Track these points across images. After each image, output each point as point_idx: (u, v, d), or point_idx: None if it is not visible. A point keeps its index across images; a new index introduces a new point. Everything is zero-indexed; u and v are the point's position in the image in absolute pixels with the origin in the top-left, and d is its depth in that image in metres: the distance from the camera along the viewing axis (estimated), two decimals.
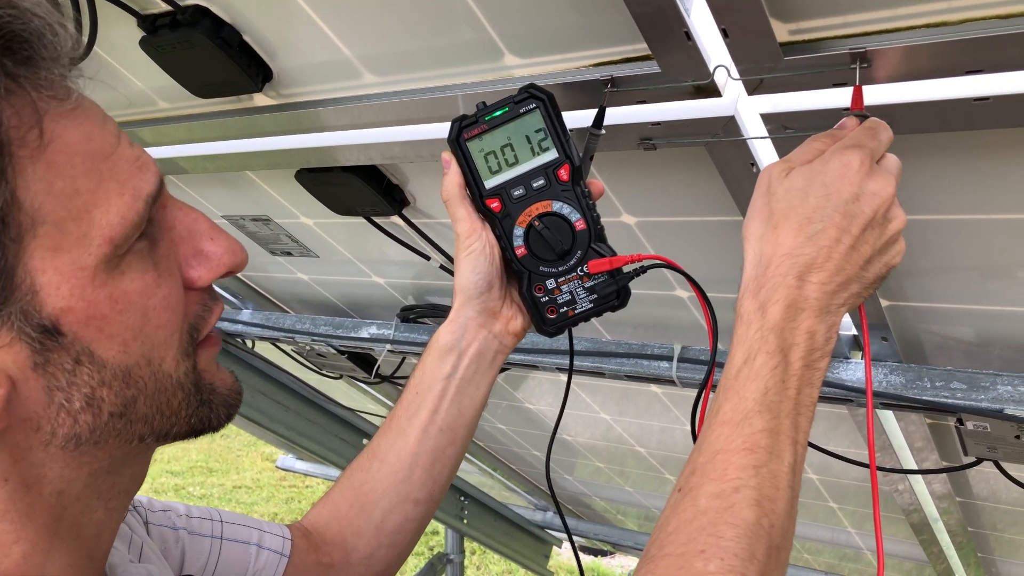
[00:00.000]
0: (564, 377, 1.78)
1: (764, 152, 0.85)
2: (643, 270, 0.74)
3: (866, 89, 0.72)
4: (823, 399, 1.16)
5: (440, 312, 1.58)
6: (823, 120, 0.77)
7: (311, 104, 1.08)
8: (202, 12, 0.96)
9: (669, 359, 1.27)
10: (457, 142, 0.73)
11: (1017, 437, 1.06)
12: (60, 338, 0.43)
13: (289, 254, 1.63)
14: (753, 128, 0.82)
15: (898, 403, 1.10)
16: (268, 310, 1.91)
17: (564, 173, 0.72)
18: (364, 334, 1.66)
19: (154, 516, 0.72)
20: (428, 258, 1.40)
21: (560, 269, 0.73)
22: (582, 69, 0.86)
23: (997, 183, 0.83)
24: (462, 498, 2.79)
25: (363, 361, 1.83)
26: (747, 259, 0.62)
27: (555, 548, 3.31)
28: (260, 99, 1.11)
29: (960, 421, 1.08)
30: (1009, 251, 0.92)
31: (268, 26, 0.98)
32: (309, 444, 2.20)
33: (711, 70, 0.76)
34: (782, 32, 0.72)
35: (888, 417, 1.33)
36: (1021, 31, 0.62)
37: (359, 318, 1.79)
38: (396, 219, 1.32)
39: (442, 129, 1.01)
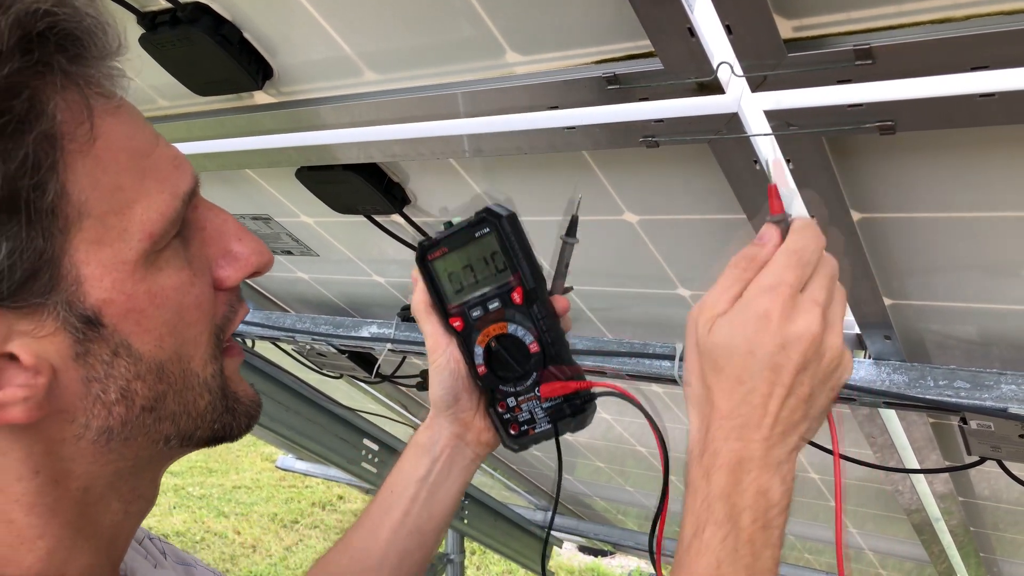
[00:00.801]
0: None
1: (767, 149, 0.85)
2: (593, 396, 0.75)
3: (871, 86, 0.72)
4: None
5: None
6: (827, 117, 0.77)
7: (311, 102, 1.07)
8: (202, 9, 0.95)
9: (671, 358, 1.27)
10: (423, 262, 0.76)
11: (1021, 436, 1.05)
12: (101, 329, 0.44)
13: (289, 253, 1.62)
14: (756, 125, 0.82)
15: (901, 402, 1.10)
16: (268, 309, 1.91)
17: (517, 296, 0.73)
18: (364, 333, 1.66)
19: (169, 547, 0.72)
20: None
21: (518, 389, 0.75)
22: (584, 66, 0.86)
23: (1001, 180, 0.83)
24: (462, 498, 2.78)
25: (363, 360, 1.83)
26: (691, 421, 0.61)
27: (556, 548, 3.30)
28: (260, 97, 1.10)
29: (963, 420, 1.07)
30: (1013, 249, 0.91)
31: (268, 23, 0.98)
32: (309, 444, 2.19)
33: (714, 67, 0.75)
34: (786, 29, 0.72)
35: (891, 417, 1.33)
36: None
37: (359, 317, 1.78)
38: (397, 218, 1.32)
39: (444, 127, 1.01)
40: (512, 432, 0.77)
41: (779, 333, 0.57)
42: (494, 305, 0.74)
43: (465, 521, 2.78)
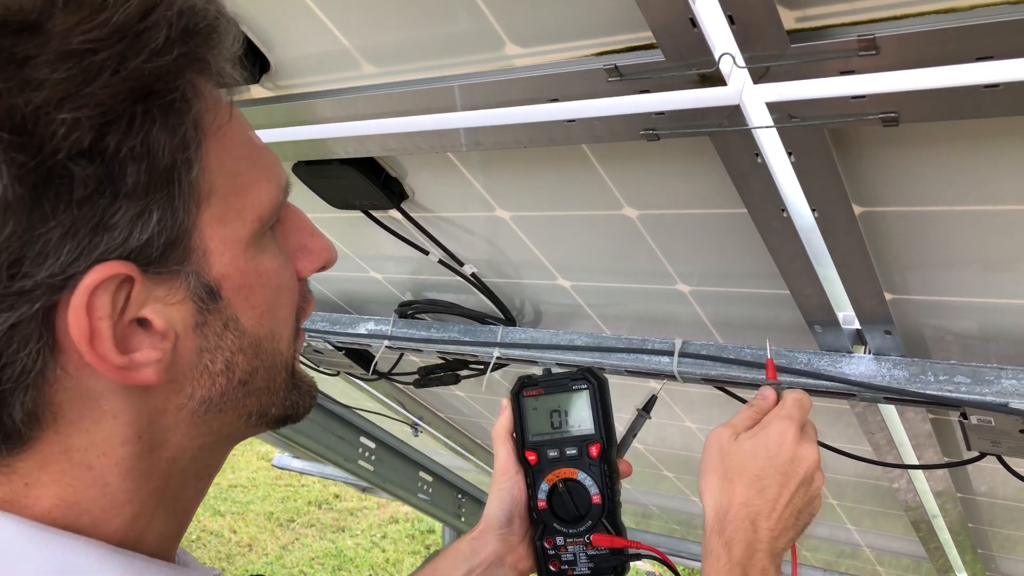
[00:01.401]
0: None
1: (769, 142, 0.84)
2: (638, 557, 0.83)
3: (875, 77, 0.71)
4: (826, 393, 1.15)
5: (439, 308, 1.57)
6: (829, 109, 0.76)
7: (308, 95, 1.06)
8: None
9: (670, 354, 1.26)
10: (517, 396, 0.87)
11: (1021, 431, 1.05)
12: (218, 302, 0.48)
13: None
14: (758, 118, 0.81)
15: (901, 397, 1.10)
16: None
17: (595, 450, 0.83)
18: (362, 330, 1.65)
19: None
20: (427, 253, 1.39)
21: (570, 531, 0.82)
22: (585, 58, 0.85)
23: (1004, 174, 0.82)
24: (459, 496, 2.78)
25: (360, 358, 1.82)
26: (707, 506, 0.75)
27: None
28: (257, 91, 1.09)
29: (964, 415, 1.07)
30: (1014, 243, 0.91)
31: (266, 16, 0.97)
32: (306, 442, 2.18)
33: (716, 58, 0.75)
34: (788, 19, 0.71)
35: (890, 412, 1.33)
36: None
37: (356, 314, 1.77)
38: (394, 213, 1.31)
39: (442, 120, 1.00)
40: (552, 568, 0.83)
41: (792, 450, 0.76)
42: (571, 452, 0.83)
43: (462, 519, 2.77)
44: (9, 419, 0.43)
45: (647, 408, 0.92)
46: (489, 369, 1.51)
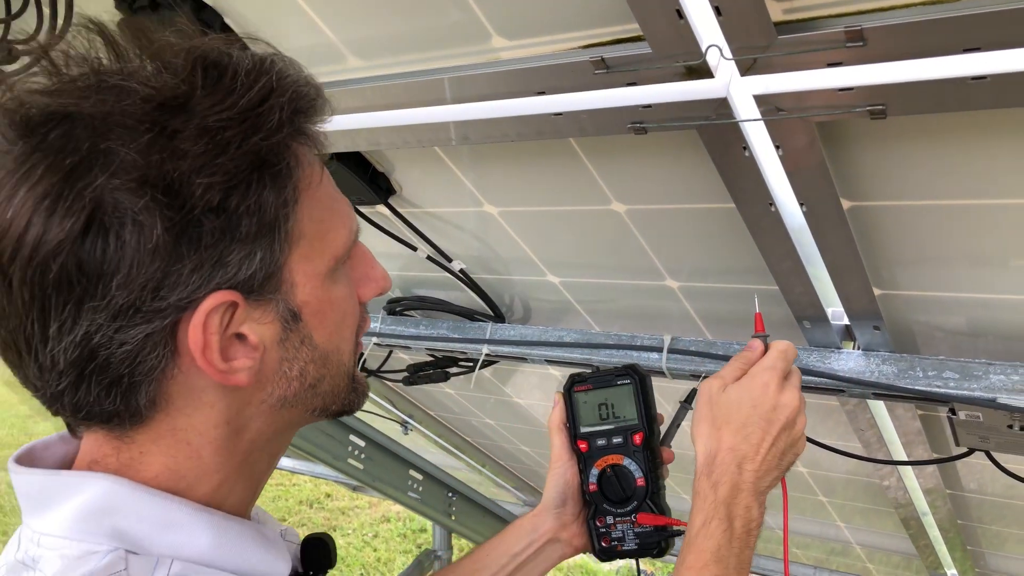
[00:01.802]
0: (552, 370, 1.76)
1: (757, 136, 0.84)
2: (680, 533, 0.88)
3: (862, 68, 0.71)
4: (815, 389, 1.15)
5: (428, 304, 1.56)
6: (817, 101, 0.76)
7: None
8: None
9: (659, 350, 1.26)
10: (568, 392, 0.97)
11: (1010, 427, 1.05)
12: (299, 323, 0.59)
13: None
14: (745, 111, 0.80)
15: (890, 393, 1.09)
16: None
17: (638, 438, 0.92)
18: None
19: None
20: (415, 249, 1.38)
21: (618, 511, 0.92)
22: (571, 51, 0.84)
23: (990, 167, 0.82)
24: (450, 494, 2.77)
25: None
26: (698, 451, 0.83)
27: None
28: None
29: (952, 411, 1.07)
30: (1002, 238, 0.91)
31: (250, 9, 0.96)
32: (295, 440, 2.17)
33: (703, 50, 0.74)
34: (776, 11, 0.70)
35: (879, 409, 1.32)
36: (1021, 7, 0.61)
37: None
38: (382, 209, 1.30)
39: (429, 113, 0.99)
40: (603, 544, 0.92)
41: (774, 398, 0.82)
42: (616, 440, 0.93)
43: (453, 517, 2.76)
44: (135, 403, 0.55)
45: (688, 400, 0.99)
46: (478, 366, 1.50)
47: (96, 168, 0.49)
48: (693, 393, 0.98)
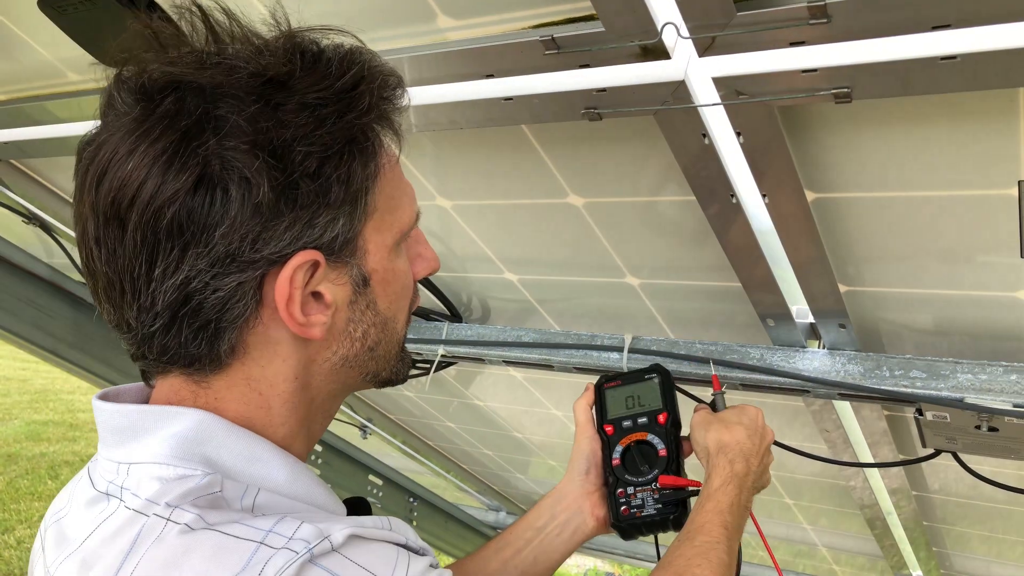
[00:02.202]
0: (514, 372, 1.71)
1: (716, 122, 0.79)
2: (697, 494, 0.94)
3: (826, 48, 0.66)
4: (779, 390, 1.11)
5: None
6: (779, 84, 0.71)
7: None
8: None
9: (619, 350, 1.21)
10: (599, 387, 1.06)
11: (977, 427, 1.02)
12: (367, 288, 0.64)
13: None
14: (705, 95, 0.76)
15: (856, 393, 1.06)
16: None
17: (662, 418, 1.01)
18: None
19: None
20: None
21: (639, 480, 0.97)
22: (521, 31, 0.79)
23: (959, 156, 0.78)
24: (411, 499, 2.70)
25: None
26: (710, 441, 0.94)
27: None
28: None
29: (919, 411, 1.04)
30: (970, 232, 0.87)
31: None
32: None
33: (659, 28, 0.69)
34: None
35: (845, 410, 1.29)
36: None
37: None
38: None
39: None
40: (623, 513, 0.96)
41: (762, 423, 0.96)
42: (642, 421, 1.01)
43: (415, 523, 2.70)
44: (217, 349, 0.60)
45: (718, 387, 1.07)
46: (433, 368, 1.45)
47: (208, 131, 0.55)
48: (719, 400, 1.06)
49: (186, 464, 0.58)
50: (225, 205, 0.55)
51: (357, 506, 0.74)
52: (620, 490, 0.97)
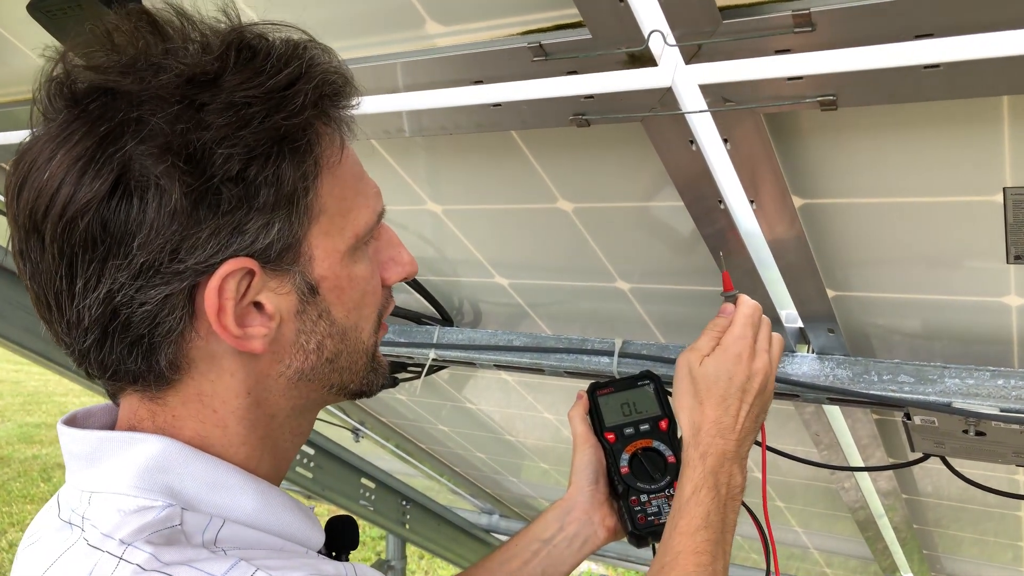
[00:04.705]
0: (505, 375, 1.71)
1: (704, 128, 0.80)
2: None
3: (811, 56, 0.67)
4: None
5: (398, 312, 1.50)
6: (765, 91, 0.72)
7: None
8: None
9: (610, 354, 1.22)
10: (592, 394, 1.04)
11: (965, 431, 1.02)
12: (316, 297, 0.60)
13: None
14: (691, 102, 0.76)
15: (845, 398, 1.06)
16: None
17: (664, 424, 1.00)
18: None
19: None
20: None
21: (652, 487, 0.96)
22: (509, 37, 0.80)
23: (943, 163, 0.79)
24: (404, 503, 2.70)
25: None
26: (683, 423, 0.88)
27: None
28: None
29: (907, 416, 1.04)
30: (957, 237, 0.88)
31: None
32: None
33: (646, 36, 0.70)
34: None
35: (835, 414, 1.30)
36: None
37: None
38: None
39: (363, 102, 0.93)
40: (639, 522, 0.94)
41: (747, 368, 0.86)
42: (645, 428, 1.00)
43: (407, 526, 2.70)
44: (157, 364, 0.57)
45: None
46: (424, 371, 1.45)
47: (127, 135, 0.52)
48: None
49: (147, 495, 0.56)
50: (141, 213, 0.52)
51: (341, 528, 0.71)
52: (633, 498, 0.96)
